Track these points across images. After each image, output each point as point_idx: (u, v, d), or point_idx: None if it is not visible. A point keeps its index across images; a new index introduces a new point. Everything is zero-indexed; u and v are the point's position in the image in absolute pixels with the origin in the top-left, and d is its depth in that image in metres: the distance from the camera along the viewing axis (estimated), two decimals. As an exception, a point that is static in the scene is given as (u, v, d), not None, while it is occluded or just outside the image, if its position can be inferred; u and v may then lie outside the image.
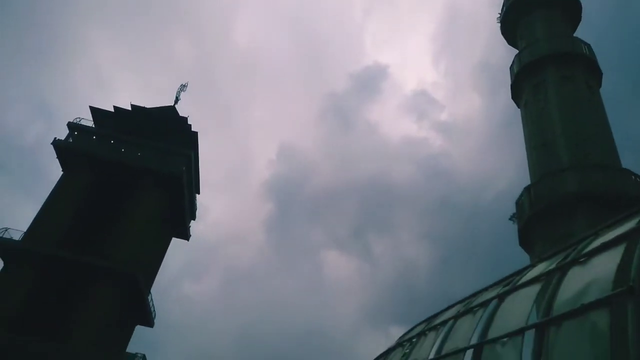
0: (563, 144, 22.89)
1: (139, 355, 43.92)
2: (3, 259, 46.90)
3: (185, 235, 67.75)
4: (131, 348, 59.61)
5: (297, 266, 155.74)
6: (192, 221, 67.70)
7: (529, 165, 25.02)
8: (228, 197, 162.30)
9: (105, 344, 45.59)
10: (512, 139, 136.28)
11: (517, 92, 28.37)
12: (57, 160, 53.75)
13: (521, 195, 22.69)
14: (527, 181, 23.30)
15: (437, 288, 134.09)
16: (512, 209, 23.51)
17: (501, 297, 10.27)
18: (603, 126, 24.21)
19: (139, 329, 61.11)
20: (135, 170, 53.17)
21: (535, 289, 9.20)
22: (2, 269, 45.73)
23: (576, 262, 8.44)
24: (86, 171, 52.34)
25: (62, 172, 53.52)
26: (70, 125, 53.98)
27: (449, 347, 11.08)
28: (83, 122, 55.35)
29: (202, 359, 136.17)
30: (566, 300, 7.73)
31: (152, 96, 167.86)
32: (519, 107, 28.57)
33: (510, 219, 23.59)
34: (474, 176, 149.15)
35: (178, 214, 61.34)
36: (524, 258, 21.85)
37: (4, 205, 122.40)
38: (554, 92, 25.16)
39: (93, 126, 55.65)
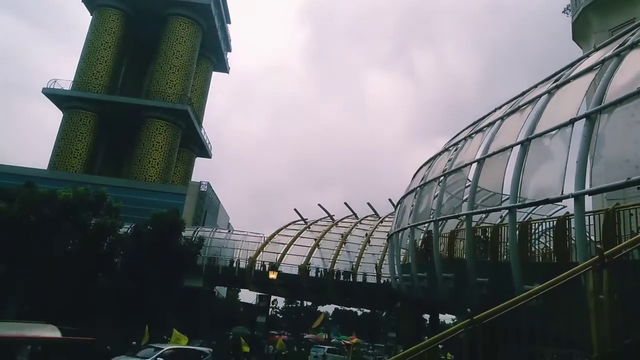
0: None
1: (203, 183, 47.86)
2: (61, 109, 49.43)
3: (224, 68, 67.78)
4: (197, 178, 65.05)
5: (341, 91, 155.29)
6: (228, 53, 67.00)
7: (589, -54, 21.90)
8: (263, 27, 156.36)
9: (170, 176, 49.84)
10: None
11: None
12: (83, 5, 52.47)
13: (578, -18, 20.42)
14: (586, -33, 20.65)
15: (484, 98, 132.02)
16: (567, 3, 21.43)
17: (551, 92, 9.96)
18: None
19: (203, 162, 65.54)
20: (161, 4, 51.40)
21: (588, 79, 8.81)
22: (62, 119, 48.51)
23: (636, 45, 7.90)
24: (113, 12, 51.15)
25: (90, 18, 52.60)
26: (85, -38, 51.25)
27: (495, 146, 11.14)
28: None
29: (259, 184, 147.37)
30: (621, 87, 7.46)
31: None
32: None
33: (564, 11, 21.64)
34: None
35: (214, 46, 60.62)
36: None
37: (46, 60, 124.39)
38: None
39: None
